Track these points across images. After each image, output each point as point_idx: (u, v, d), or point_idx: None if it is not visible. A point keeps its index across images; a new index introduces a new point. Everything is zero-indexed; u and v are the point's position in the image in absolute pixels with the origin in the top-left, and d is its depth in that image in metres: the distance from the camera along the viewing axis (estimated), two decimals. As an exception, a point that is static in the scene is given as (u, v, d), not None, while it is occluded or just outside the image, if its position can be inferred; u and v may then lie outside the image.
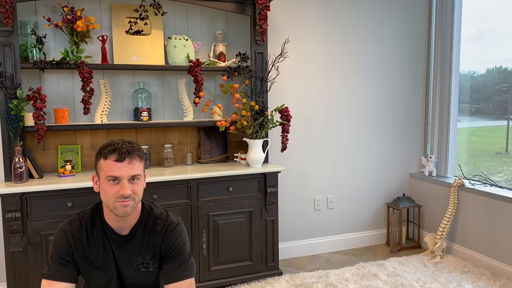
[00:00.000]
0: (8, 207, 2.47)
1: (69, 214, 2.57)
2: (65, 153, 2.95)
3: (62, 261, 1.51)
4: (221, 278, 2.99)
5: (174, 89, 3.26)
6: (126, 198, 1.44)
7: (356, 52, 3.74)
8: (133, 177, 1.47)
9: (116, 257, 1.55)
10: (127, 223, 1.54)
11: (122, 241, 1.55)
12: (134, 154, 1.47)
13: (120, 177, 1.44)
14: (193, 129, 3.33)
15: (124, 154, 1.45)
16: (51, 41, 2.90)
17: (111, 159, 1.45)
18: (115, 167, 1.44)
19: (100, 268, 1.54)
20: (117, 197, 1.44)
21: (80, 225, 1.55)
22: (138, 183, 1.49)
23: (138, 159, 1.49)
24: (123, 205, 1.45)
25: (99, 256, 1.54)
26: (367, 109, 3.84)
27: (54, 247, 1.53)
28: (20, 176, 2.59)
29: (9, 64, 2.60)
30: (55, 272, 1.51)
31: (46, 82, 2.93)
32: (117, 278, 1.56)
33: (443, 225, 3.47)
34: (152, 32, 3.06)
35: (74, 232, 1.53)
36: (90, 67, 2.75)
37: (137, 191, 1.49)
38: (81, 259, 1.53)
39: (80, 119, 3.02)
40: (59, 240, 1.53)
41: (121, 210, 1.46)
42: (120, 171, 1.44)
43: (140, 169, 1.50)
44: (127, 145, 1.48)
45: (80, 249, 1.53)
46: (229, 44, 3.34)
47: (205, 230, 2.91)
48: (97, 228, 1.55)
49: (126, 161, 1.45)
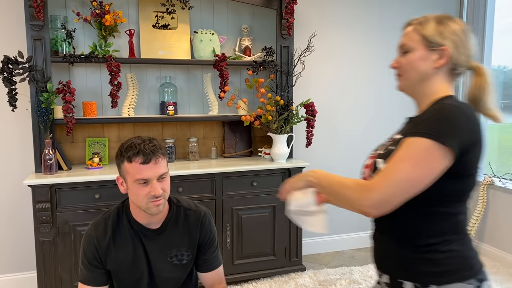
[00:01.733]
0: (38, 198, 2.53)
1: (97, 205, 2.62)
2: (92, 145, 3.01)
3: (91, 266, 1.54)
4: (244, 272, 3.00)
5: (200, 83, 3.27)
6: (158, 198, 1.45)
7: (382, 47, 3.67)
8: (161, 176, 1.46)
9: (148, 251, 1.56)
10: (157, 218, 1.55)
11: (153, 234, 1.56)
12: (158, 153, 1.45)
13: (149, 179, 1.44)
14: (217, 123, 3.34)
15: (149, 155, 1.43)
16: (80, 35, 2.95)
17: (136, 162, 1.42)
18: (143, 169, 1.42)
19: (131, 266, 1.56)
20: (149, 198, 1.44)
21: (105, 226, 1.56)
22: (166, 180, 1.49)
23: (162, 157, 1.47)
24: (155, 205, 1.46)
25: (128, 254, 1.55)
26: (393, 104, 3.77)
27: (83, 251, 1.56)
28: (49, 167, 2.65)
29: (40, 57, 2.65)
30: (86, 277, 1.55)
31: (75, 75, 2.98)
32: (147, 274, 1.57)
33: (471, 224, 3.39)
34: (178, 26, 3.07)
35: (99, 236, 1.54)
36: (117, 61, 2.79)
37: (166, 188, 1.49)
38: (110, 261, 1.55)
39: (108, 112, 3.06)
40: (86, 245, 1.56)
41: (154, 209, 1.47)
42: (148, 173, 1.43)
43: (166, 166, 1.50)
44: (150, 145, 1.45)
45: (107, 252, 1.54)
46: (254, 38, 3.33)
47: (229, 224, 2.92)
48: (124, 226, 1.56)
49: (152, 162, 1.43)
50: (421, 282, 1.13)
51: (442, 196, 1.12)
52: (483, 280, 1.14)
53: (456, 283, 1.10)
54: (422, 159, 1.04)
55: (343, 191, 1.10)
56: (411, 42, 1.20)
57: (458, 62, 1.19)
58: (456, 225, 1.16)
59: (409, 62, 1.20)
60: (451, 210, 1.15)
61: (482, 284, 1.13)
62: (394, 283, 1.19)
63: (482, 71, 1.21)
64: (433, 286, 1.11)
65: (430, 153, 1.04)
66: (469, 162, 1.11)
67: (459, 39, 1.17)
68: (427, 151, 1.04)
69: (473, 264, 1.15)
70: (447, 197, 1.13)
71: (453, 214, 1.15)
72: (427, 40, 1.17)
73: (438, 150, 1.04)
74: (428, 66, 1.18)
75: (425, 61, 1.18)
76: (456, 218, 1.16)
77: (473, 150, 1.10)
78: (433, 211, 1.13)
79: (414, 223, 1.14)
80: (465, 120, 1.08)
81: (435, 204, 1.12)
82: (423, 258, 1.14)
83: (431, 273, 1.12)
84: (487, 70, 1.21)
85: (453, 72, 1.20)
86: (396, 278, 1.18)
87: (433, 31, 1.17)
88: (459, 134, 1.06)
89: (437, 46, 1.17)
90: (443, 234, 1.14)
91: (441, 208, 1.13)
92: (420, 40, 1.19)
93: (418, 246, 1.15)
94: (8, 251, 2.94)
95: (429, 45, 1.17)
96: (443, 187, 1.10)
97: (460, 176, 1.11)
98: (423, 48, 1.18)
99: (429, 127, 1.06)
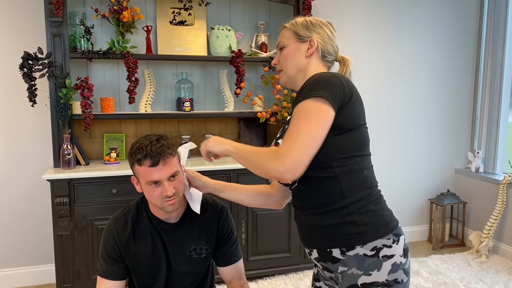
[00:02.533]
0: (57, 192, 2.56)
1: (114, 200, 2.65)
2: (110, 141, 3.03)
3: (110, 260, 1.55)
4: (259, 268, 3.00)
5: (216, 79, 3.27)
6: (171, 197, 1.45)
7: (401, 45, 3.63)
8: (172, 176, 1.45)
9: (167, 245, 1.57)
10: (175, 213, 1.56)
11: (172, 229, 1.57)
12: (165, 153, 1.43)
13: (160, 180, 1.43)
14: (233, 120, 3.34)
15: (156, 157, 1.41)
16: (98, 31, 2.97)
17: (145, 165, 1.42)
18: (152, 172, 1.42)
19: (151, 260, 1.57)
20: (162, 198, 1.45)
21: (125, 221, 1.57)
22: (178, 178, 1.48)
23: (171, 156, 1.45)
24: (170, 204, 1.46)
25: (148, 248, 1.56)
26: (412, 103, 3.73)
27: (102, 245, 1.57)
28: (68, 162, 2.68)
29: (59, 54, 2.68)
30: (105, 271, 1.56)
31: (93, 71, 3.01)
32: (166, 268, 1.58)
33: (490, 224, 3.33)
34: (195, 23, 3.08)
35: (119, 231, 1.55)
36: (135, 57, 2.80)
37: (179, 186, 1.47)
38: (130, 255, 1.56)
39: (125, 108, 3.09)
40: (106, 239, 1.57)
41: (170, 208, 1.47)
42: (158, 175, 1.42)
43: (176, 164, 1.47)
44: (157, 147, 1.42)
45: (127, 246, 1.55)
46: (271, 35, 3.31)
47: (244, 221, 2.92)
48: (144, 221, 1.57)
49: (161, 164, 1.42)
50: (346, 246, 1.23)
51: (338, 154, 1.22)
52: (400, 235, 1.27)
53: (377, 240, 1.22)
54: (311, 117, 1.16)
55: (259, 159, 1.19)
56: (284, 39, 1.40)
57: (326, 50, 1.38)
58: (364, 180, 1.27)
59: (285, 55, 1.39)
60: (354, 166, 1.25)
61: (399, 238, 1.26)
62: (322, 254, 1.28)
63: (347, 62, 1.42)
64: (358, 246, 1.22)
65: (315, 109, 1.17)
66: (350, 114, 1.23)
67: (324, 32, 1.38)
68: (311, 109, 1.17)
69: (388, 221, 1.26)
70: (343, 154, 1.23)
71: (358, 170, 1.25)
72: (297, 34, 1.37)
73: (319, 104, 1.17)
74: (301, 55, 1.37)
75: (298, 51, 1.37)
76: (363, 174, 1.26)
77: (351, 103, 1.23)
78: (337, 172, 1.23)
79: (325, 191, 1.24)
80: (334, 77, 1.23)
81: (335, 165, 1.23)
82: (343, 221, 1.23)
83: (353, 234, 1.22)
84: (351, 62, 1.43)
85: (324, 59, 1.39)
86: (324, 249, 1.27)
87: (301, 26, 1.38)
88: (333, 87, 1.19)
89: (306, 38, 1.36)
90: (356, 192, 1.24)
91: (343, 168, 1.23)
92: (292, 35, 1.38)
93: (336, 210, 1.24)
94: (27, 244, 2.99)
95: (299, 38, 1.37)
96: (335, 144, 1.21)
97: (347, 129, 1.23)
98: (295, 41, 1.38)
99: (305, 91, 1.21)
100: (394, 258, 1.22)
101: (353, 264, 1.22)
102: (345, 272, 1.24)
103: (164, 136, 1.50)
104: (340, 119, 1.20)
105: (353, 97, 1.24)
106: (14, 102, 2.88)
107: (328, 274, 1.32)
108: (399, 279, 1.22)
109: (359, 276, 1.22)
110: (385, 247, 1.22)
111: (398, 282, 1.22)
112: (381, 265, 1.21)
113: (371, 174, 1.30)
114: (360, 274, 1.21)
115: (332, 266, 1.27)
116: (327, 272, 1.32)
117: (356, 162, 1.25)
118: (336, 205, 1.23)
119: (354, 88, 1.26)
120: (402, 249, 1.25)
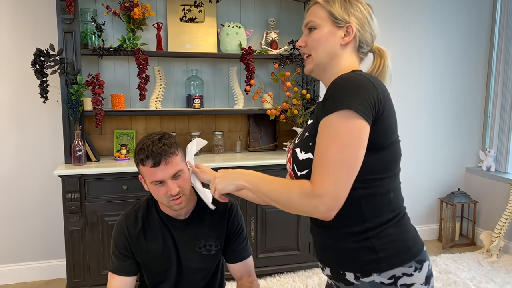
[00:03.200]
0: (68, 188, 2.58)
1: (124, 196, 2.66)
2: (120, 137, 3.05)
3: (121, 256, 1.56)
4: (267, 265, 3.00)
5: (226, 77, 3.27)
6: (176, 196, 1.45)
7: (411, 42, 3.60)
8: (175, 175, 1.45)
9: (177, 242, 1.58)
10: (185, 209, 1.57)
11: (182, 225, 1.58)
12: (167, 153, 1.42)
13: (163, 180, 1.43)
14: (243, 117, 3.34)
15: (157, 157, 1.41)
16: (109, 28, 2.99)
17: (148, 166, 1.42)
18: (155, 172, 1.42)
19: (161, 256, 1.57)
20: (168, 197, 1.45)
21: (135, 218, 1.58)
22: (182, 177, 1.47)
23: (173, 155, 1.44)
24: (176, 203, 1.47)
25: (158, 245, 1.57)
26: (423, 100, 3.70)
27: (113, 242, 1.59)
28: (79, 158, 2.70)
29: (70, 50, 2.70)
30: (116, 267, 1.57)
31: (104, 68, 3.03)
32: (176, 264, 1.59)
33: (502, 223, 3.30)
34: (205, 20, 3.08)
35: (130, 227, 1.56)
36: (145, 54, 2.81)
37: (184, 185, 1.47)
38: (140, 251, 1.57)
39: (135, 105, 3.10)
40: (117, 235, 1.58)
41: (177, 207, 1.48)
42: (161, 175, 1.42)
43: (180, 162, 1.46)
44: (158, 146, 1.42)
45: (138, 243, 1.56)
46: (281, 32, 3.30)
47: (253, 218, 2.92)
48: (154, 218, 1.58)
49: (163, 164, 1.42)
50: (362, 272, 1.10)
51: (364, 175, 1.07)
52: (423, 261, 1.13)
53: (397, 268, 1.09)
54: (343, 139, 1.00)
55: (291, 199, 1.04)
56: (317, 19, 1.17)
57: (364, 39, 1.18)
58: (388, 204, 1.12)
59: (316, 39, 1.17)
60: (379, 189, 1.10)
61: (422, 265, 1.12)
62: (335, 274, 1.17)
63: (384, 53, 1.22)
64: (375, 274, 1.09)
65: (345, 129, 1.00)
66: (383, 130, 1.07)
67: (364, 17, 1.17)
68: (341, 128, 1.00)
69: (411, 246, 1.12)
70: (369, 175, 1.08)
71: (383, 193, 1.11)
72: (334, 17, 1.15)
73: (350, 121, 1.00)
74: (335, 42, 1.16)
75: (332, 37, 1.16)
76: (388, 198, 1.12)
77: (385, 115, 1.06)
78: (360, 195, 1.08)
79: (344, 212, 1.06)
80: (366, 80, 1.05)
81: (358, 186, 1.07)
82: (360, 247, 1.10)
83: (370, 261, 1.09)
84: (388, 54, 1.23)
85: (359, 50, 1.19)
86: (337, 269, 1.15)
87: (339, 8, 1.15)
88: (364, 94, 1.02)
89: (343, 23, 1.15)
90: (377, 216, 1.10)
91: (368, 190, 1.09)
92: (326, 16, 1.16)
93: (354, 234, 1.11)
94: (39, 239, 3.02)
95: (335, 21, 1.15)
96: (364, 165, 1.04)
97: (377, 148, 1.07)
98: (330, 25, 1.16)
99: (331, 101, 1.03)
100: (414, 287, 1.10)
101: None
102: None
103: (166, 134, 1.49)
104: (372, 135, 1.04)
105: (387, 106, 1.08)
106: (25, 99, 2.90)
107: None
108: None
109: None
110: (405, 275, 1.09)
111: None
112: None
113: (397, 195, 1.15)
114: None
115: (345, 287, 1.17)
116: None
117: (383, 185, 1.11)
118: (354, 228, 1.11)
119: (387, 95, 1.10)
120: (425, 277, 1.12)
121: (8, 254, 2.97)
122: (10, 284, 2.96)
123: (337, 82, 1.06)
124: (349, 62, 1.18)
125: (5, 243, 2.96)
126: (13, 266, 2.98)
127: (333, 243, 1.15)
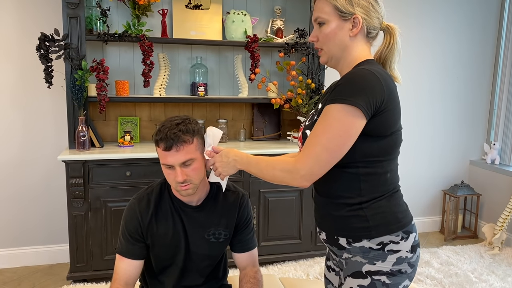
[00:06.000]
0: (72, 173, 2.59)
1: (128, 183, 2.67)
2: (124, 124, 3.05)
3: (131, 239, 1.56)
4: (270, 254, 3.01)
5: (230, 65, 3.25)
6: (183, 183, 1.45)
7: (418, 32, 3.56)
8: (184, 162, 1.44)
9: (187, 228, 1.58)
10: (197, 196, 1.56)
11: (193, 211, 1.58)
12: (179, 140, 1.41)
13: (173, 165, 1.43)
14: (247, 106, 3.33)
15: (169, 142, 1.40)
16: (114, 14, 2.97)
17: (160, 148, 1.43)
18: (165, 155, 1.42)
19: (170, 241, 1.57)
20: (176, 182, 1.45)
21: (148, 201, 1.57)
22: (192, 166, 1.46)
23: (187, 143, 1.42)
24: (183, 189, 1.46)
25: (168, 229, 1.57)
26: (427, 92, 3.67)
27: (124, 224, 1.58)
28: (83, 144, 2.70)
29: (75, 36, 2.68)
30: (125, 249, 1.56)
31: (108, 54, 3.01)
32: (184, 250, 1.59)
33: (504, 216, 3.29)
34: (211, 7, 3.06)
35: (142, 210, 1.56)
36: (150, 40, 2.80)
37: (192, 174, 1.46)
38: (151, 235, 1.57)
39: (140, 92, 3.10)
40: (129, 218, 1.57)
41: (184, 193, 1.48)
42: (170, 160, 1.42)
43: (192, 152, 1.44)
44: (174, 131, 1.41)
45: (149, 226, 1.56)
46: (287, 20, 3.28)
47: (256, 206, 2.93)
48: (166, 202, 1.58)
49: (173, 150, 1.41)
50: (353, 237, 1.23)
51: (365, 157, 1.19)
52: (410, 232, 1.24)
53: (385, 236, 1.21)
54: (335, 128, 1.12)
55: (275, 173, 1.23)
56: (324, 14, 1.23)
57: (371, 25, 1.24)
58: (384, 182, 1.24)
59: (326, 34, 1.24)
60: (378, 170, 1.22)
61: (409, 236, 1.23)
62: (330, 239, 1.30)
63: (393, 31, 1.27)
64: (365, 240, 1.22)
65: (341, 119, 1.12)
66: (385, 121, 1.17)
67: (369, 4, 1.22)
68: (337, 118, 1.12)
69: (400, 218, 1.24)
70: (370, 157, 1.19)
71: (381, 173, 1.23)
72: (339, 10, 1.21)
73: (348, 112, 1.11)
74: (344, 35, 1.23)
75: (340, 30, 1.22)
76: (385, 177, 1.23)
77: (388, 109, 1.16)
78: (360, 172, 1.21)
79: (344, 185, 1.23)
80: (375, 78, 1.14)
81: (360, 165, 1.20)
82: (354, 215, 1.22)
83: (362, 228, 1.21)
84: (398, 30, 1.28)
85: (369, 36, 1.26)
86: (332, 234, 1.28)
87: (343, 0, 1.20)
88: (370, 93, 1.12)
89: (349, 15, 1.21)
90: (373, 192, 1.22)
91: (368, 169, 1.21)
92: (332, 11, 1.22)
93: (349, 204, 1.23)
94: (42, 224, 3.04)
95: (341, 15, 1.21)
96: (365, 148, 1.18)
97: (379, 136, 1.18)
98: (337, 19, 1.22)
99: (338, 92, 1.14)
100: (400, 253, 1.22)
101: (357, 253, 1.23)
102: (349, 259, 1.25)
103: (188, 120, 1.47)
104: (373, 126, 1.15)
105: (390, 101, 1.16)
106: (30, 84, 2.90)
107: (334, 257, 1.36)
108: (403, 269, 1.22)
109: (363, 264, 1.22)
110: (391, 243, 1.21)
111: (402, 272, 1.22)
112: (385, 257, 1.21)
113: (393, 175, 1.27)
114: (365, 263, 1.22)
115: (338, 252, 1.29)
116: (333, 255, 1.36)
117: (382, 166, 1.22)
118: (351, 200, 1.23)
119: (393, 88, 1.19)
120: (410, 246, 1.23)
121: (12, 238, 3.00)
122: (14, 267, 2.99)
123: (348, 77, 1.16)
124: (360, 51, 1.25)
125: (9, 228, 2.99)
126: (17, 250, 3.01)
127: (331, 211, 1.27)
